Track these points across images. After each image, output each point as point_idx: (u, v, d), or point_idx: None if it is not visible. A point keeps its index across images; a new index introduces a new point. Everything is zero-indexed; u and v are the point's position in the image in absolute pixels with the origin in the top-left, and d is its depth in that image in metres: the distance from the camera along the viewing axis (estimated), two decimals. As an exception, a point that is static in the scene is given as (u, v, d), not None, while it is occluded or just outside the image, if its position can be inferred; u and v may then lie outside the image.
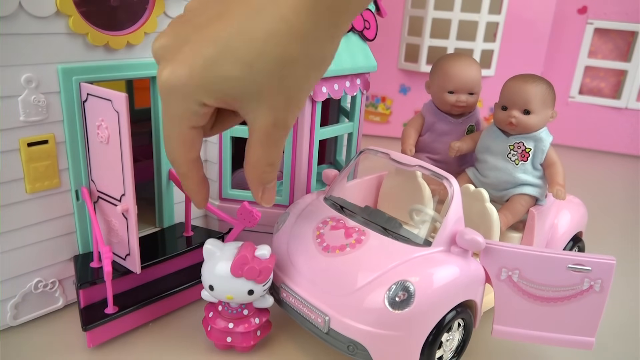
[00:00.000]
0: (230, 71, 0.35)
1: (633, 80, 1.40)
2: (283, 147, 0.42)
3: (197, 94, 0.37)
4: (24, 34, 0.47)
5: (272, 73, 0.35)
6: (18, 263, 0.52)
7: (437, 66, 0.70)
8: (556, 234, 0.64)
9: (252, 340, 0.53)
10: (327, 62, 0.38)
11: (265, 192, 0.44)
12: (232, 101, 0.38)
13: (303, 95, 0.38)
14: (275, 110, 0.38)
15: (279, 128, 0.39)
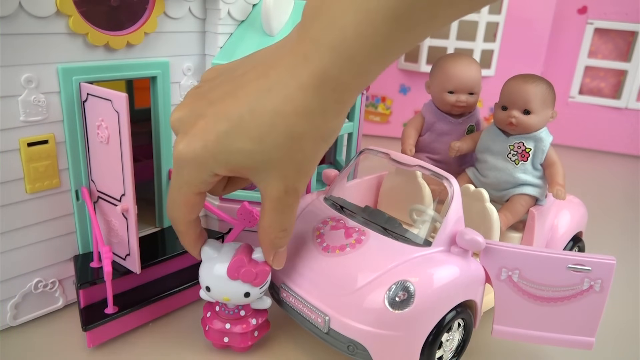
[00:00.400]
0: (242, 145, 0.38)
1: (633, 80, 1.40)
2: (295, 213, 0.45)
3: (210, 165, 0.40)
4: (24, 34, 0.47)
5: (281, 147, 0.38)
6: (18, 263, 0.52)
7: (437, 66, 0.70)
8: (556, 234, 0.64)
9: (250, 340, 0.53)
10: (334, 134, 0.41)
11: (277, 256, 0.47)
12: (244, 171, 0.40)
13: (312, 165, 0.41)
14: (286, 179, 0.40)
15: (290, 195, 0.41)
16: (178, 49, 0.60)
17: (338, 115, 0.39)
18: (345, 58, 0.35)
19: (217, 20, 0.60)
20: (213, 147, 0.39)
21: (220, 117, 0.39)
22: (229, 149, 0.39)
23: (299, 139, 0.38)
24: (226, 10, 0.61)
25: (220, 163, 0.40)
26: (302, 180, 0.41)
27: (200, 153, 0.39)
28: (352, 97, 0.39)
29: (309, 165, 0.40)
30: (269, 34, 0.61)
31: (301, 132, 0.38)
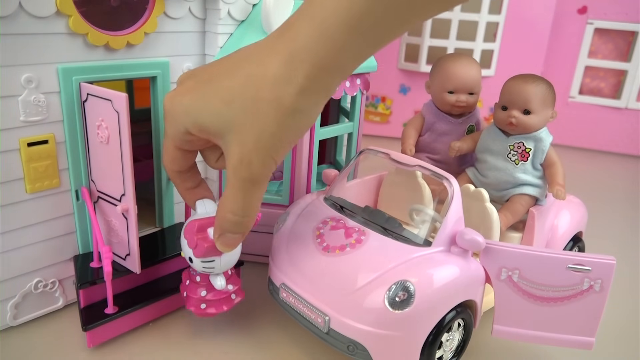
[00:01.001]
0: (213, 105, 0.40)
1: (633, 80, 1.40)
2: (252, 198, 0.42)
3: (182, 120, 0.42)
4: (24, 34, 0.47)
5: (246, 110, 0.39)
6: (18, 263, 0.52)
7: (437, 66, 0.70)
8: (556, 234, 0.64)
9: (226, 306, 0.53)
10: (301, 116, 0.40)
11: (222, 238, 0.45)
12: (212, 133, 0.41)
13: (273, 140, 0.40)
14: (243, 146, 0.40)
15: (244, 167, 0.40)
16: (178, 49, 0.60)
17: (306, 93, 0.38)
18: (320, 31, 0.36)
19: (217, 20, 0.60)
20: (188, 102, 0.41)
21: (203, 79, 0.42)
22: (201, 107, 0.40)
23: (263, 104, 0.39)
24: (226, 10, 0.61)
25: (191, 120, 0.41)
26: (259, 155, 0.40)
27: (176, 107, 0.42)
28: (324, 78, 0.38)
29: (270, 139, 0.40)
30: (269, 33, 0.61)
31: (266, 98, 0.38)
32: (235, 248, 0.47)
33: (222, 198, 0.43)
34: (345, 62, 0.38)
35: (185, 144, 0.44)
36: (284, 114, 0.39)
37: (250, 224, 0.45)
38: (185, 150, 0.46)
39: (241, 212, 0.43)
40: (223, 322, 0.59)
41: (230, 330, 0.58)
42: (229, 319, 0.60)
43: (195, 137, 0.43)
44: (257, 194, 0.42)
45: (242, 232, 0.45)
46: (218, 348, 0.55)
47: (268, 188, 0.73)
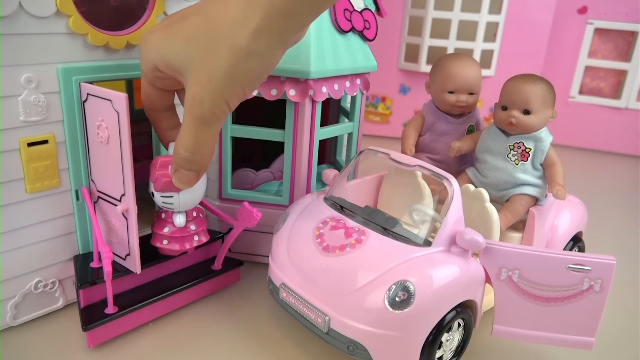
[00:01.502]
0: (177, 42, 0.42)
1: (633, 80, 1.40)
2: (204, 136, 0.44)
3: (152, 56, 0.44)
4: (24, 34, 0.47)
5: (202, 47, 0.41)
6: (18, 263, 0.52)
7: (437, 66, 0.70)
8: (556, 234, 0.65)
9: (188, 244, 0.56)
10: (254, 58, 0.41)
11: (177, 173, 0.47)
12: (177, 73, 0.43)
13: (225, 82, 0.41)
14: (197, 84, 0.42)
15: (195, 104, 0.42)
16: (178, 49, 0.60)
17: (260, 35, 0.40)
18: None
19: (217, 20, 0.60)
20: (157, 38, 0.44)
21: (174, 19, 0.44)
22: (167, 43, 0.43)
23: (219, 43, 0.40)
24: (226, 10, 0.61)
25: (158, 56, 0.43)
26: (210, 93, 0.41)
27: (147, 42, 0.44)
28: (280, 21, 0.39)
29: (223, 79, 0.41)
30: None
31: (222, 37, 0.40)
32: (190, 186, 0.48)
33: (178, 134, 0.45)
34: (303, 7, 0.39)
35: (156, 80, 0.46)
36: (237, 55, 0.40)
37: (203, 162, 0.46)
38: (159, 89, 0.48)
39: (192, 149, 0.44)
40: (223, 322, 0.59)
41: (230, 330, 0.58)
42: (229, 319, 0.60)
43: (164, 74, 0.45)
44: (208, 133, 0.44)
45: (194, 169, 0.46)
46: (218, 348, 0.55)
47: (268, 188, 0.73)
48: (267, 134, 0.65)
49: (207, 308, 0.61)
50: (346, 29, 0.65)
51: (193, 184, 0.48)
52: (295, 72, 0.60)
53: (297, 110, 0.63)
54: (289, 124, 0.63)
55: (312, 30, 0.61)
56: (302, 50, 0.60)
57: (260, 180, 0.75)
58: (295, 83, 0.61)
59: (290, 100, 0.62)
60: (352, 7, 0.66)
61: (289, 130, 0.64)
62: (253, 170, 0.74)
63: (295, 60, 0.60)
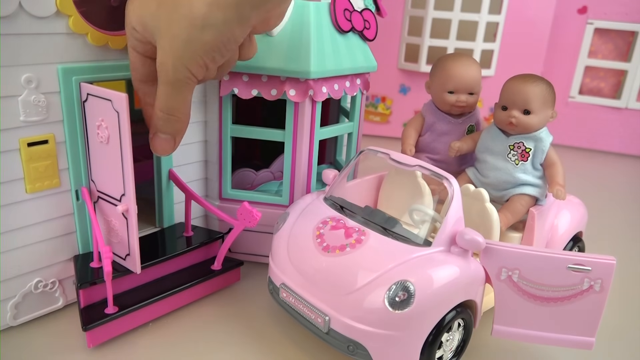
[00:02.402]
0: (149, 7, 0.44)
1: (633, 80, 1.40)
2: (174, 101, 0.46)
3: (131, 20, 0.46)
4: (24, 34, 0.47)
5: (167, 14, 0.43)
6: (18, 263, 0.52)
7: (438, 66, 0.70)
8: (556, 234, 0.65)
9: None
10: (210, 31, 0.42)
11: (154, 138, 0.49)
12: (150, 36, 0.45)
13: (184, 51, 0.43)
14: (162, 50, 0.44)
15: (162, 70, 0.44)
16: (178, 49, 0.60)
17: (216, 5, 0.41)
18: None
19: (217, 20, 0.60)
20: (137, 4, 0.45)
21: None
22: (144, 6, 0.44)
23: (180, 11, 0.42)
24: (226, 10, 0.61)
25: (136, 16, 0.45)
26: (172, 60, 0.44)
27: (128, 5, 0.46)
28: None
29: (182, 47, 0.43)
30: (269, 33, 0.61)
31: (182, 5, 0.42)
32: (167, 153, 0.50)
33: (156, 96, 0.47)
34: None
35: (137, 44, 0.47)
36: (194, 25, 0.42)
37: (179, 125, 0.48)
38: (141, 55, 0.48)
39: (167, 110, 0.47)
40: (223, 322, 0.59)
41: (230, 330, 0.58)
42: (229, 319, 0.60)
43: (142, 36, 0.46)
44: (178, 96, 0.46)
45: (169, 132, 0.48)
46: (218, 348, 0.55)
47: (268, 188, 0.73)
48: (267, 134, 0.65)
49: (207, 308, 0.61)
50: (346, 29, 0.65)
51: (169, 150, 0.50)
52: (295, 72, 0.60)
53: (297, 110, 0.63)
54: (289, 124, 0.63)
55: (312, 30, 0.61)
56: (302, 50, 0.60)
57: (260, 180, 0.75)
58: (295, 83, 0.61)
59: (290, 100, 0.62)
60: (352, 7, 0.66)
61: (289, 130, 0.64)
62: (253, 170, 0.74)
63: (295, 60, 0.60)
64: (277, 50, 0.60)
